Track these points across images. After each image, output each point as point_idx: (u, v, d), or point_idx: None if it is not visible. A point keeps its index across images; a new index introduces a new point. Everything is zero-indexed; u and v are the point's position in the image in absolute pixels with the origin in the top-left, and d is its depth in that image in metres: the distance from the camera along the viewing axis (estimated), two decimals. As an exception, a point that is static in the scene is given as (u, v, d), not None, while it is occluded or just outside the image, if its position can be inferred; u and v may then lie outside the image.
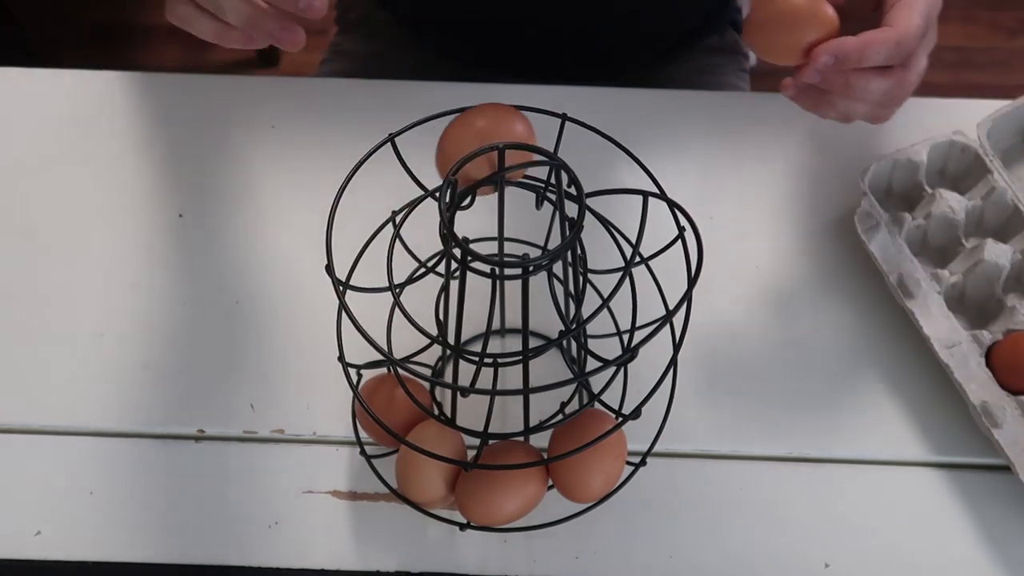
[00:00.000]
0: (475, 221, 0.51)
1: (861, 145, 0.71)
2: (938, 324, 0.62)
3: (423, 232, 0.54)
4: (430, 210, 0.48)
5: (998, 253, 0.64)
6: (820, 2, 0.57)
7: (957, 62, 1.76)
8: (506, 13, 0.83)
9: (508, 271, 0.46)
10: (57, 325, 0.66)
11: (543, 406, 0.59)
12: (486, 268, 0.46)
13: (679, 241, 0.49)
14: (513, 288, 0.50)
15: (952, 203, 0.66)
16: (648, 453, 0.54)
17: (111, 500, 0.60)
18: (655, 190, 0.49)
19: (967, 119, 0.68)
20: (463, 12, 0.85)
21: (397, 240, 0.51)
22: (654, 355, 0.53)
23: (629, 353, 0.47)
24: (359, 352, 0.52)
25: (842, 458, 0.62)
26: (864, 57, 0.55)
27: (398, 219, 0.52)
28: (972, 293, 0.65)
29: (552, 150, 0.48)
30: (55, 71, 0.77)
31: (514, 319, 0.53)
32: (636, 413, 0.49)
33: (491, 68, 0.86)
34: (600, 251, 0.55)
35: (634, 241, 0.48)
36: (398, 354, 0.58)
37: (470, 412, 0.53)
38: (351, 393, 0.52)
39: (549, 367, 0.62)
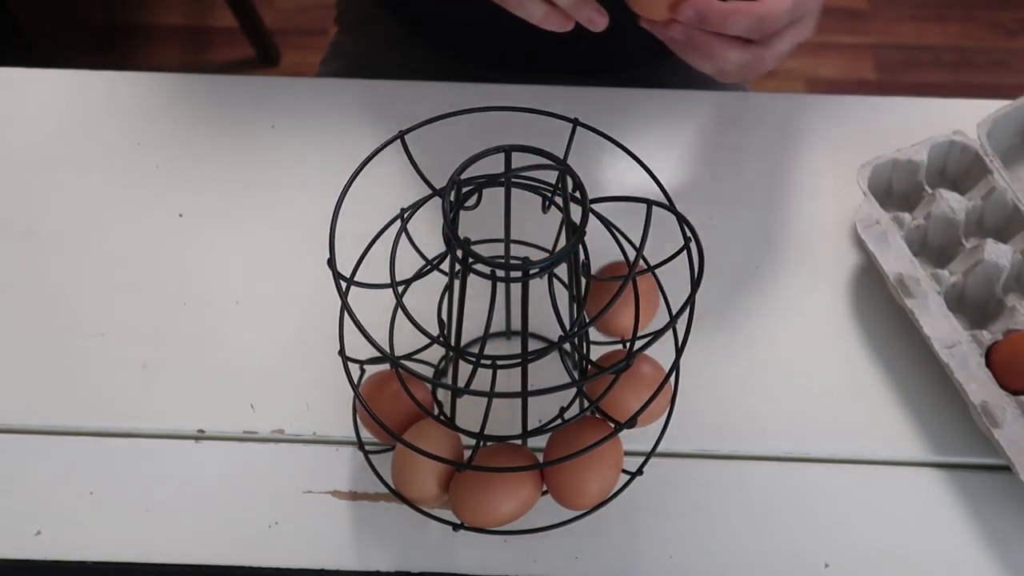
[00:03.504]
0: (487, 222, 0.51)
1: (861, 145, 0.71)
2: (938, 324, 0.62)
3: (433, 232, 0.54)
4: (439, 210, 0.48)
5: (998, 253, 0.64)
6: None
7: (957, 62, 1.76)
8: (506, 14, 0.83)
9: (503, 273, 0.46)
10: (57, 325, 0.66)
11: (543, 410, 0.59)
12: (486, 270, 0.46)
13: (682, 249, 0.49)
14: (518, 291, 0.50)
15: (952, 203, 0.66)
16: (645, 463, 0.54)
17: (111, 500, 0.60)
18: (659, 197, 0.49)
19: (967, 119, 0.68)
20: (462, 10, 0.85)
21: (403, 238, 0.51)
22: (658, 358, 0.53)
23: (626, 362, 0.47)
24: (362, 350, 0.52)
25: (842, 458, 0.62)
26: (724, 23, 0.57)
27: (405, 215, 0.52)
28: (972, 293, 0.65)
29: (563, 155, 0.48)
30: (55, 71, 0.77)
31: (520, 321, 0.53)
32: (631, 422, 0.49)
33: (490, 67, 0.86)
34: (603, 254, 0.55)
35: (637, 246, 0.47)
36: (401, 353, 0.58)
37: (473, 413, 0.53)
38: (351, 390, 0.52)
39: (551, 371, 0.61)
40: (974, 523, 0.60)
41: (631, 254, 0.53)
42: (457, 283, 0.48)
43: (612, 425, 0.51)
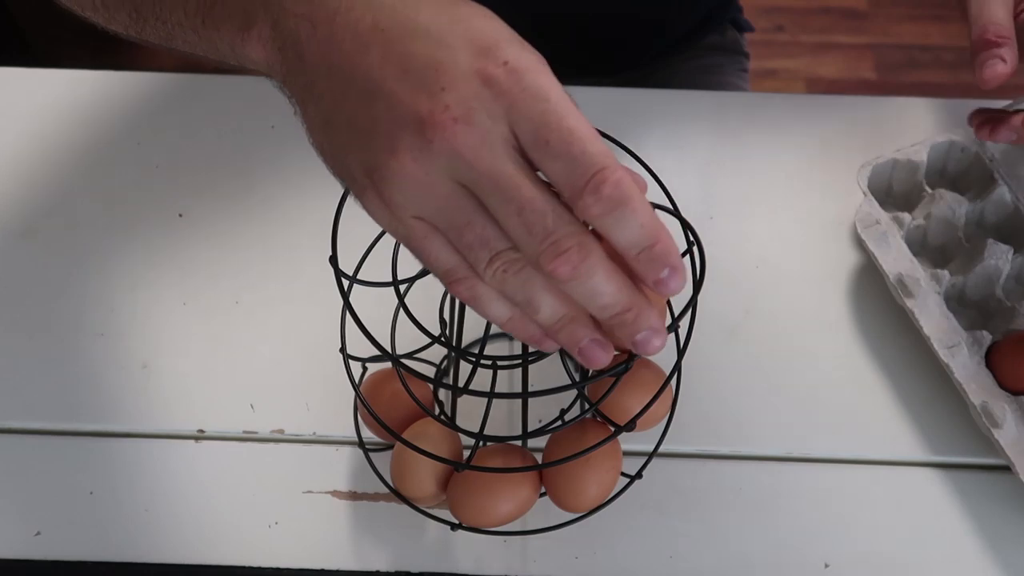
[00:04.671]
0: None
1: (861, 145, 0.71)
2: (938, 324, 0.62)
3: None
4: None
5: (998, 253, 0.64)
6: None
7: (957, 62, 1.76)
8: (503, 8, 0.83)
9: None
10: (57, 325, 0.66)
11: (544, 411, 0.59)
12: None
13: (686, 252, 0.49)
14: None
15: (952, 203, 0.66)
16: (645, 466, 0.54)
17: (111, 500, 0.60)
18: (661, 199, 0.49)
19: (967, 119, 0.68)
20: None
21: None
22: (658, 361, 0.53)
23: (625, 364, 0.47)
24: (362, 350, 0.52)
25: (842, 458, 0.62)
26: None
27: None
28: (972, 293, 0.65)
29: None
30: (55, 71, 0.77)
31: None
32: (630, 425, 0.49)
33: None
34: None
35: None
36: (402, 352, 0.58)
37: (474, 413, 0.53)
38: (352, 389, 0.52)
39: (553, 372, 0.61)
40: (974, 523, 0.60)
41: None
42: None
43: (612, 428, 0.51)
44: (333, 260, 0.47)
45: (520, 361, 0.49)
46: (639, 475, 0.53)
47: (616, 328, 0.40)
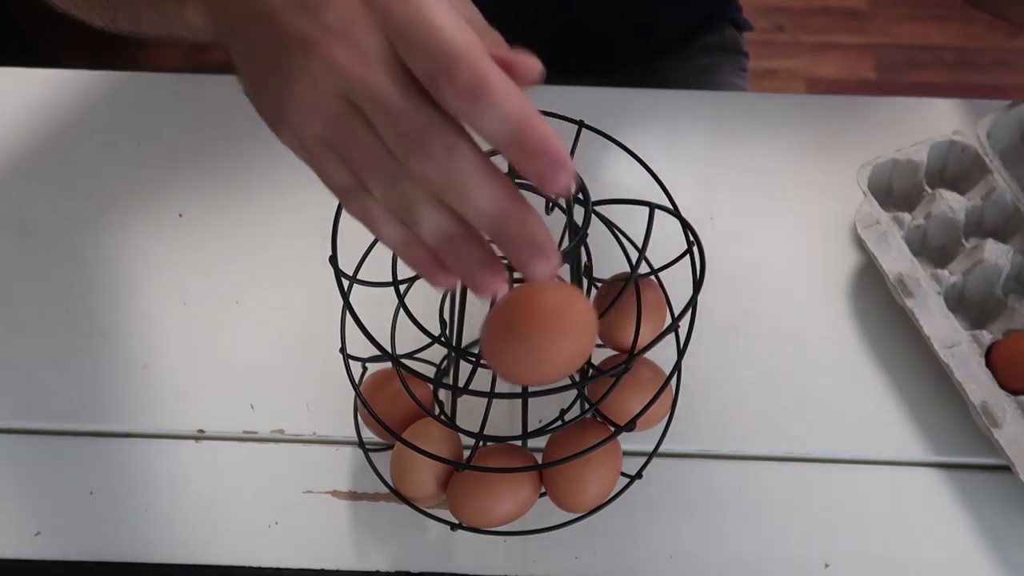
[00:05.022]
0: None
1: (861, 145, 0.71)
2: (938, 324, 0.62)
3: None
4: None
5: (998, 253, 0.64)
6: None
7: (957, 62, 1.76)
8: (503, 11, 0.83)
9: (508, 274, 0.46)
10: (57, 325, 0.66)
11: (544, 412, 0.59)
12: None
13: (686, 253, 0.49)
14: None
15: (952, 203, 0.66)
16: (645, 466, 0.54)
17: (111, 500, 0.60)
18: (661, 200, 0.49)
19: (967, 119, 0.68)
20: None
21: None
22: (658, 361, 0.53)
23: (626, 364, 0.47)
24: (363, 350, 0.52)
25: (842, 458, 0.62)
26: None
27: None
28: (972, 293, 0.65)
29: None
30: (55, 71, 0.77)
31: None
32: (630, 425, 0.49)
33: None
34: (606, 256, 0.55)
35: (640, 247, 0.47)
36: (403, 352, 0.58)
37: (474, 413, 0.53)
38: (352, 389, 0.52)
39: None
40: (974, 523, 0.60)
41: (633, 255, 0.53)
42: (459, 283, 0.48)
43: (612, 428, 0.51)
44: (333, 260, 0.47)
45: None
46: (639, 475, 0.53)
47: (499, 243, 0.38)
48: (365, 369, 0.56)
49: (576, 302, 0.42)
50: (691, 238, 0.49)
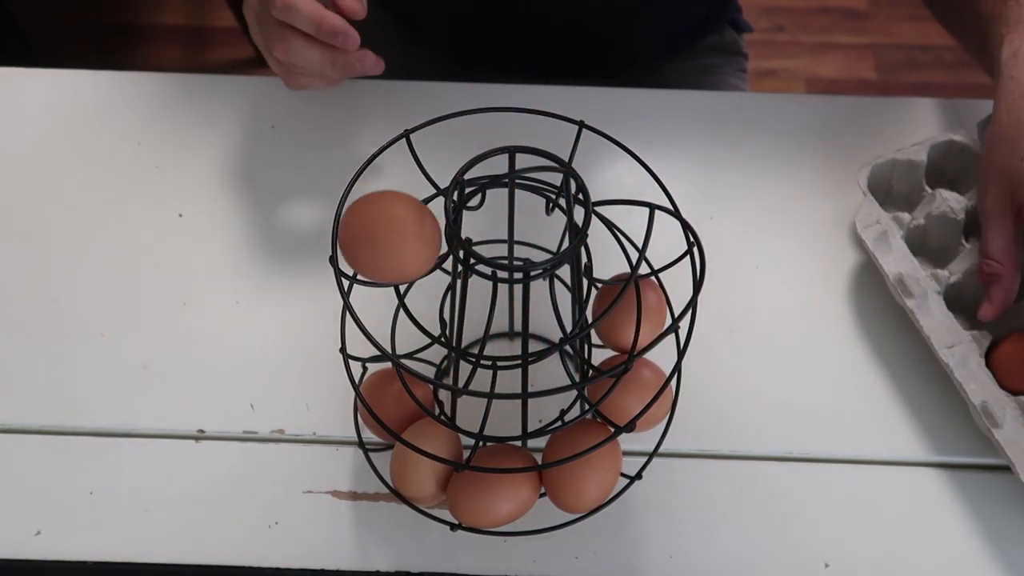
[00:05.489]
0: (493, 223, 0.51)
1: (861, 146, 0.71)
2: (938, 324, 0.62)
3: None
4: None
5: (998, 253, 0.64)
6: None
7: (957, 62, 1.76)
8: (503, 11, 0.83)
9: (505, 275, 0.46)
10: (57, 325, 0.66)
11: (545, 412, 0.59)
12: (488, 271, 0.46)
13: (686, 254, 0.49)
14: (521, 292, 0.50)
15: (952, 203, 0.66)
16: (644, 467, 0.54)
17: (111, 500, 0.60)
18: (661, 199, 0.49)
19: (967, 119, 0.68)
20: (457, 10, 0.85)
21: None
22: (658, 361, 0.53)
23: (623, 366, 0.47)
24: (363, 350, 0.52)
25: (842, 458, 0.62)
26: None
27: None
28: (972, 293, 0.65)
29: (566, 156, 0.47)
30: (55, 71, 0.78)
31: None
32: (630, 426, 0.49)
33: (487, 67, 0.86)
34: (607, 256, 0.55)
35: (640, 247, 0.47)
36: (403, 352, 0.58)
37: (474, 413, 0.53)
38: (352, 390, 0.52)
39: (554, 373, 0.61)
40: (974, 523, 0.60)
41: (633, 256, 0.53)
42: (459, 283, 0.48)
43: (611, 429, 0.51)
44: (333, 260, 0.47)
45: (520, 361, 0.49)
46: (639, 476, 0.53)
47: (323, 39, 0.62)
48: (365, 369, 0.56)
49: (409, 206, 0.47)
50: (691, 239, 0.49)
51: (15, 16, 1.56)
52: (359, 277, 0.49)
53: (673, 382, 0.52)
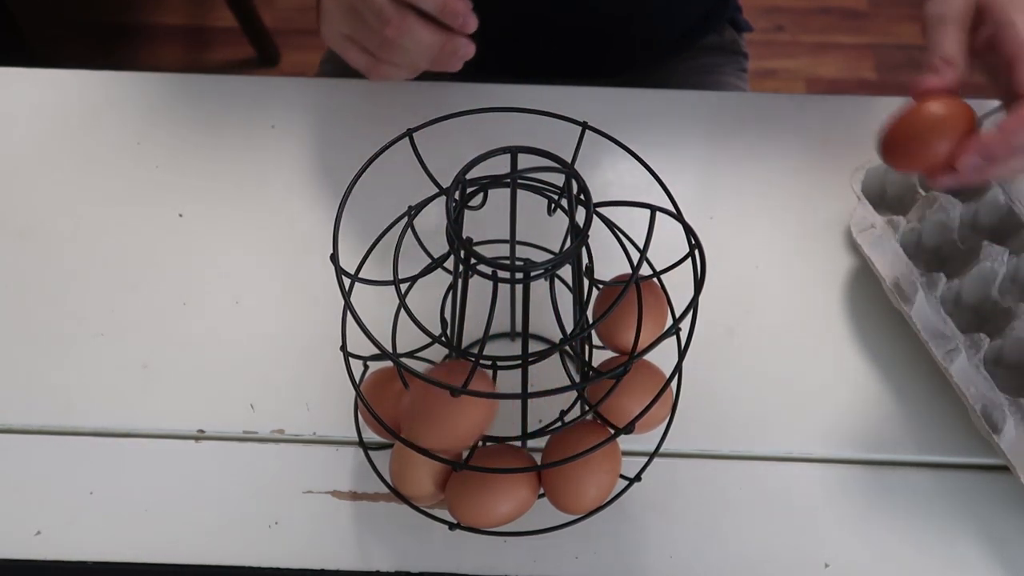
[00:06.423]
0: (495, 223, 0.51)
1: (861, 145, 0.71)
2: (935, 327, 0.62)
3: (439, 232, 0.54)
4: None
5: (993, 255, 0.64)
6: (955, 103, 0.55)
7: (956, 62, 1.76)
8: (503, 12, 0.83)
9: (504, 275, 0.46)
10: (57, 325, 0.66)
11: (545, 413, 0.59)
12: (488, 270, 0.46)
13: (687, 256, 0.49)
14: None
15: (946, 205, 0.66)
16: (644, 469, 0.54)
17: (111, 500, 0.60)
18: (662, 199, 0.49)
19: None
20: None
21: (408, 237, 0.51)
22: (658, 362, 0.53)
23: (623, 367, 0.47)
24: (363, 349, 0.52)
25: (842, 458, 0.62)
26: (1011, 146, 0.55)
27: (412, 213, 0.51)
28: (968, 295, 0.65)
29: (569, 156, 0.47)
30: (55, 71, 0.78)
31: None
32: (629, 428, 0.49)
33: (487, 68, 0.86)
34: (608, 257, 0.55)
35: (641, 248, 0.47)
36: (403, 351, 0.58)
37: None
38: (352, 389, 0.52)
39: (554, 373, 0.61)
40: (974, 523, 0.60)
41: (635, 257, 0.54)
42: (460, 283, 0.48)
43: (611, 430, 0.51)
44: (334, 258, 0.47)
45: (520, 361, 0.49)
46: (638, 477, 0.53)
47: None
48: (366, 368, 0.56)
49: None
50: (693, 242, 0.49)
51: (15, 16, 1.56)
52: (359, 276, 0.49)
53: (673, 384, 0.52)
